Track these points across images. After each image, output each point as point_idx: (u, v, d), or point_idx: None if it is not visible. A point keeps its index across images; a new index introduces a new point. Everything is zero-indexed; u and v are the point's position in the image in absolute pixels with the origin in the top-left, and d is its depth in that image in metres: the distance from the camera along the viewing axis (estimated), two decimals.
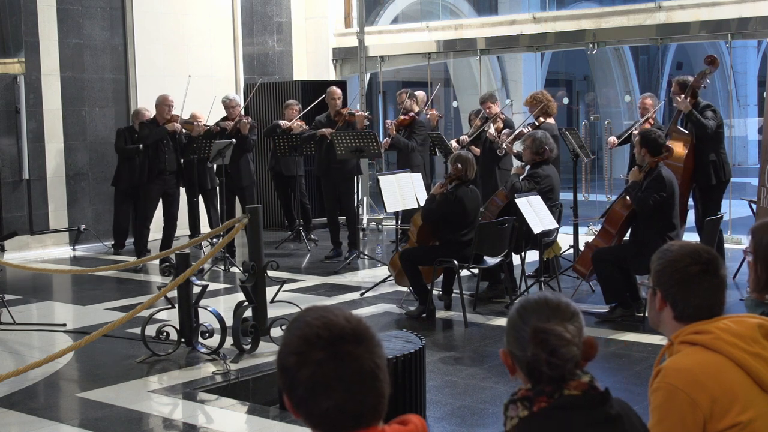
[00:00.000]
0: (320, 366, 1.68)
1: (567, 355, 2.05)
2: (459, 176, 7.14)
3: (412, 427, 1.80)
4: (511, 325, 2.13)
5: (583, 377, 2.07)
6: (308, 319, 1.74)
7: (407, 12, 15.74)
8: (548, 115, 8.76)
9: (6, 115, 10.76)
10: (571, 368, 2.06)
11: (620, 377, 5.68)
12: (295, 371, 1.69)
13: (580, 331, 2.09)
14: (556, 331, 2.05)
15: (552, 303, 2.10)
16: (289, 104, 11.11)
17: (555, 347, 2.04)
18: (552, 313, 2.08)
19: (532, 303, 2.12)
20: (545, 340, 2.05)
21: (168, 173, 9.73)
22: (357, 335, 1.71)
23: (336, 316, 1.73)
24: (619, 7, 12.17)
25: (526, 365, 2.08)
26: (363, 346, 1.71)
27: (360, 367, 1.69)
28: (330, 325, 1.71)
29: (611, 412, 2.08)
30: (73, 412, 5.25)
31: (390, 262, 7.78)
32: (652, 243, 5.69)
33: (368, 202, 12.93)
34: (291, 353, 1.71)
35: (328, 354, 1.68)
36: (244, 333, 6.05)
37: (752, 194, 8.78)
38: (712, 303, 2.44)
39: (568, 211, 8.49)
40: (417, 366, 4.75)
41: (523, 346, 2.08)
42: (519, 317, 2.11)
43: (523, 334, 2.08)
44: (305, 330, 1.72)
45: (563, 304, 2.10)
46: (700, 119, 7.88)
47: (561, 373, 2.05)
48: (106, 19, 11.69)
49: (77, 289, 9.04)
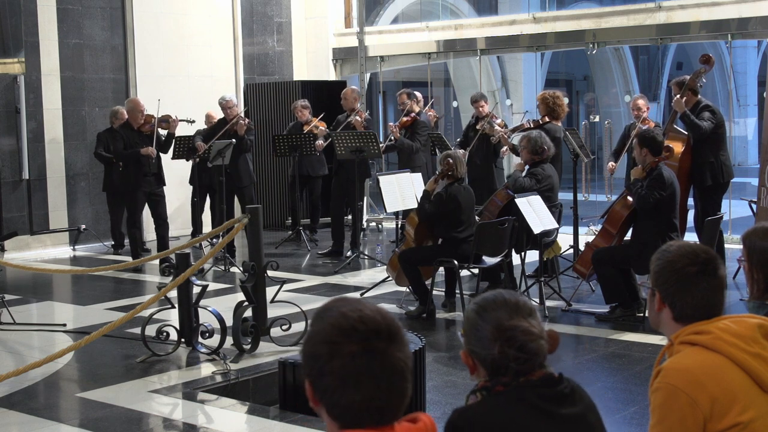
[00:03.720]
0: (353, 359, 1.67)
1: (536, 349, 2.10)
2: (450, 171, 7.16)
3: (422, 426, 1.81)
4: (470, 325, 2.16)
5: (547, 369, 2.14)
6: (344, 309, 1.73)
7: (407, 12, 15.74)
8: (554, 118, 8.74)
9: (6, 115, 10.77)
10: (540, 362, 2.12)
11: (620, 377, 5.68)
12: (327, 360, 1.69)
13: (542, 325, 2.15)
14: (522, 327, 2.10)
15: (510, 301, 2.15)
16: (294, 105, 11.12)
17: (523, 342, 2.08)
18: (513, 310, 2.12)
19: (491, 302, 2.15)
20: (512, 337, 2.09)
21: (150, 175, 9.56)
22: (390, 333, 1.72)
23: (371, 311, 1.73)
24: (619, 7, 12.16)
25: (491, 363, 2.11)
26: (395, 345, 1.71)
27: (391, 364, 1.69)
28: (366, 319, 1.71)
29: (564, 391, 2.13)
30: (73, 412, 5.25)
31: (389, 263, 7.78)
32: (653, 243, 5.69)
33: (368, 202, 12.93)
34: (323, 342, 1.70)
35: (361, 348, 1.68)
36: (244, 333, 6.05)
37: (752, 194, 8.78)
38: (711, 303, 2.44)
39: (568, 211, 8.49)
40: (417, 366, 4.76)
41: (485, 345, 2.11)
42: (478, 316, 2.14)
43: (485, 332, 2.11)
44: (341, 320, 1.71)
45: (521, 301, 2.15)
46: (694, 120, 7.87)
47: (531, 367, 2.10)
48: (106, 19, 11.69)
49: (77, 289, 9.04)
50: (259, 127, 12.25)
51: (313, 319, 1.78)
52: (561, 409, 2.10)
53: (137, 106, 9.57)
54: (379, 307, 1.76)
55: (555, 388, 2.13)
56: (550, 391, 2.11)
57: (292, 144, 10.65)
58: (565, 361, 5.97)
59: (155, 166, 9.58)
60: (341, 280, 8.94)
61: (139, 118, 9.52)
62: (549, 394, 2.11)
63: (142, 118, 9.53)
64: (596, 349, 6.30)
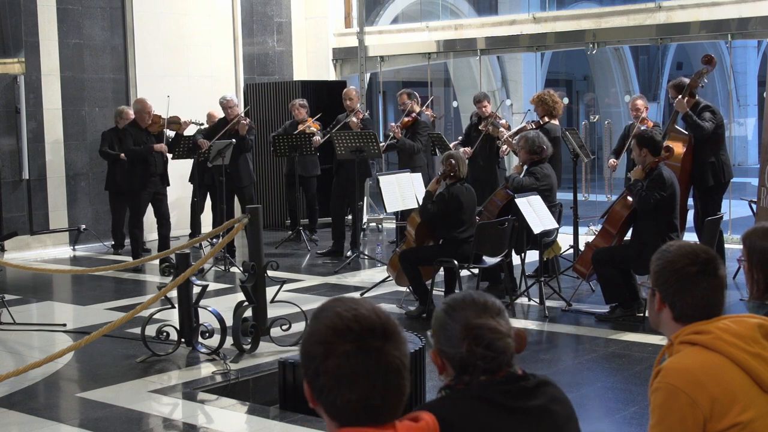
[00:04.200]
0: (348, 358, 1.68)
1: (503, 348, 2.11)
2: (453, 172, 7.16)
3: (424, 425, 1.81)
4: (439, 324, 2.17)
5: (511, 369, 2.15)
6: (339, 309, 1.73)
7: (407, 12, 15.74)
8: (552, 117, 8.76)
9: (6, 115, 10.77)
10: (508, 360, 2.13)
11: (620, 377, 5.68)
12: (322, 360, 1.69)
13: (510, 325, 2.16)
14: (489, 325, 2.11)
15: (479, 301, 2.16)
16: (292, 103, 11.11)
17: (490, 341, 2.10)
18: (481, 309, 2.14)
19: (459, 301, 2.17)
20: (479, 336, 2.10)
21: (155, 175, 9.58)
22: (386, 331, 1.72)
23: (366, 309, 1.74)
24: (619, 7, 12.17)
25: (459, 361, 2.12)
26: (391, 343, 1.72)
27: (387, 363, 1.70)
28: (360, 318, 1.71)
29: (526, 385, 2.14)
30: (73, 412, 5.25)
31: (389, 262, 7.78)
32: (653, 243, 5.68)
33: (368, 202, 12.94)
34: (319, 342, 1.71)
35: (356, 347, 1.68)
36: (244, 333, 6.05)
37: (752, 194, 8.78)
38: (710, 303, 2.44)
39: (568, 211, 8.49)
40: (417, 366, 4.76)
41: (454, 344, 2.12)
42: (447, 316, 2.16)
43: (453, 331, 2.13)
44: (335, 320, 1.71)
45: (490, 302, 2.16)
46: (696, 120, 7.88)
47: (498, 365, 2.11)
48: (106, 19, 11.69)
49: (77, 289, 9.04)
50: (259, 127, 12.24)
51: (310, 320, 1.79)
52: (521, 403, 2.11)
53: (145, 107, 9.59)
54: (375, 306, 1.76)
55: (517, 383, 2.13)
56: (511, 387, 2.12)
57: (291, 144, 10.65)
58: (565, 361, 5.97)
59: (161, 166, 9.61)
60: (341, 280, 8.94)
61: (146, 119, 9.55)
62: (509, 390, 2.11)
63: (150, 118, 9.57)
64: (596, 349, 6.30)
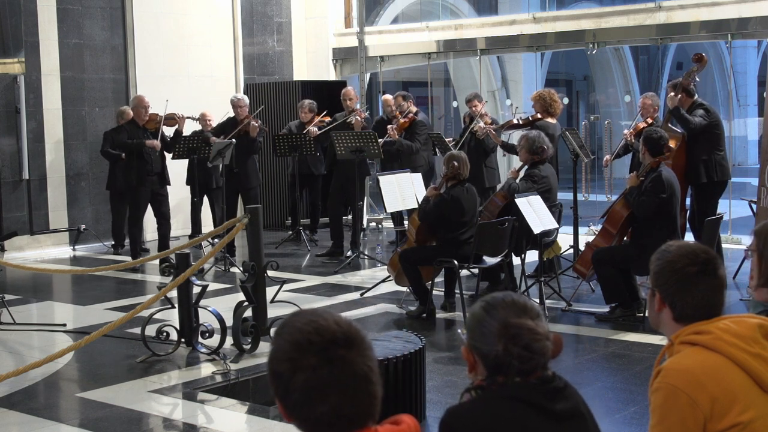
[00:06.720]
0: (314, 371, 1.67)
1: (540, 349, 2.11)
2: (455, 174, 7.16)
3: (405, 427, 1.82)
4: (477, 321, 2.17)
5: (545, 372, 2.15)
6: (298, 324, 1.73)
7: (407, 12, 15.74)
8: (550, 115, 8.75)
9: (6, 115, 10.77)
10: (544, 363, 2.13)
11: (620, 377, 5.68)
12: (289, 377, 1.69)
13: (547, 329, 2.16)
14: (528, 325, 2.12)
15: (519, 302, 2.17)
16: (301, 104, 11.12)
17: (529, 341, 2.10)
18: (521, 310, 2.14)
19: (500, 300, 2.17)
20: (518, 335, 2.10)
21: (153, 174, 9.61)
22: (348, 339, 1.72)
23: (326, 320, 1.73)
24: (619, 7, 12.16)
25: (493, 360, 2.12)
26: (355, 350, 1.71)
27: (353, 370, 1.69)
28: (321, 330, 1.71)
29: (558, 385, 2.16)
30: (73, 412, 5.25)
31: (389, 262, 7.78)
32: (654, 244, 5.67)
33: (368, 202, 12.93)
34: (283, 359, 1.71)
35: (321, 359, 1.68)
36: (244, 333, 6.05)
37: (752, 194, 8.78)
38: (711, 303, 2.44)
39: (568, 211, 8.49)
40: (417, 366, 4.76)
41: (490, 341, 2.12)
42: (486, 313, 2.16)
43: (491, 329, 2.12)
44: (296, 336, 1.71)
45: (529, 304, 2.17)
46: (684, 115, 7.90)
47: (533, 367, 2.11)
48: (106, 19, 11.69)
49: (77, 289, 9.04)
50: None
51: (272, 339, 1.79)
52: (554, 405, 2.12)
53: (141, 102, 9.65)
54: (336, 316, 1.76)
55: (551, 385, 2.14)
56: (545, 387, 2.12)
57: (292, 144, 10.65)
58: (565, 361, 5.96)
59: (159, 165, 9.62)
60: (341, 280, 8.94)
61: (143, 114, 9.59)
62: (543, 390, 2.12)
63: (147, 114, 9.60)
64: (596, 349, 6.30)
